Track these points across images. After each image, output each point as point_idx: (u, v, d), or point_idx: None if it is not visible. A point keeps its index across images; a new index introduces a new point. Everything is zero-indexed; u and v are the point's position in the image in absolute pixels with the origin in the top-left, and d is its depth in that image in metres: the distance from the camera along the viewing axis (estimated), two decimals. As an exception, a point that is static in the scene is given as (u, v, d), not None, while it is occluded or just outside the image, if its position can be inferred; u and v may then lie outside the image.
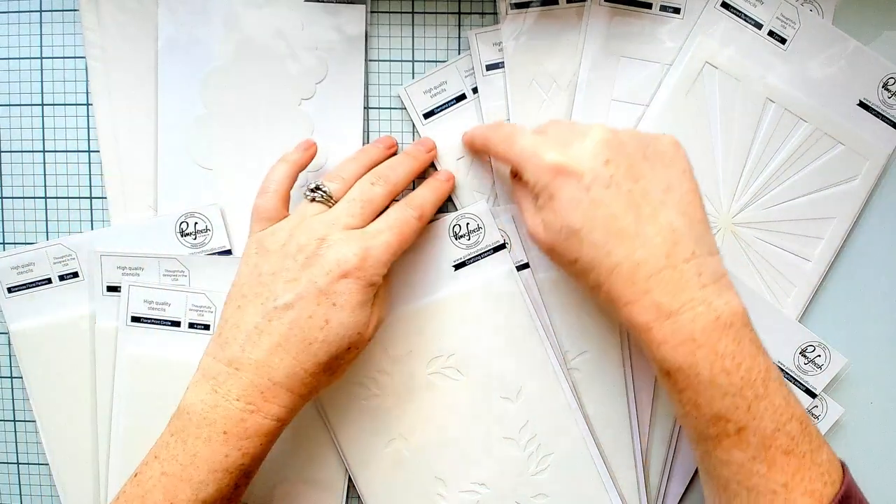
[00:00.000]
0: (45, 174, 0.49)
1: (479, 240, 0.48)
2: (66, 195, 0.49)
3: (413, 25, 0.49)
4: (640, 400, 0.48)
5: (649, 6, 0.48)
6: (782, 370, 0.49)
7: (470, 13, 0.49)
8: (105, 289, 0.48)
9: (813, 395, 0.49)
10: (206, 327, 0.47)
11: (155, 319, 0.47)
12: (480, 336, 0.48)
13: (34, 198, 0.49)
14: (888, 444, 0.51)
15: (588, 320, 0.48)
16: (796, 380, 0.49)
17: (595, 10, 0.47)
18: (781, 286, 0.49)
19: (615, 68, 0.48)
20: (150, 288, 0.47)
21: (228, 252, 0.48)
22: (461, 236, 0.48)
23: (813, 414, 0.49)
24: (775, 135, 0.48)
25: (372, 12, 0.48)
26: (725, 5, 0.48)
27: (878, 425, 0.50)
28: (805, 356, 0.49)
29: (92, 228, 0.49)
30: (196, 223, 0.48)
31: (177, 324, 0.47)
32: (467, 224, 0.48)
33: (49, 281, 0.48)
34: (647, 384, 0.48)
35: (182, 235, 0.48)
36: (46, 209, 0.49)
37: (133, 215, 0.48)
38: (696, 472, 0.49)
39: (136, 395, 0.47)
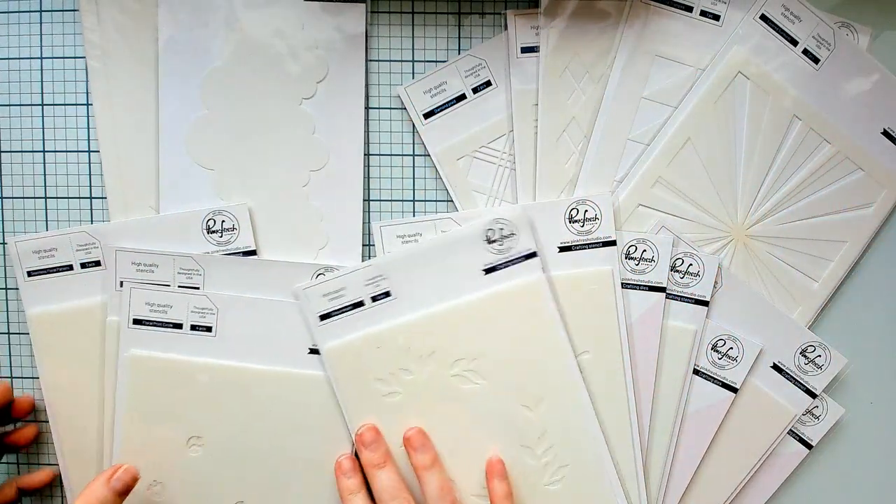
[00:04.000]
0: (45, 174, 0.49)
1: (512, 246, 0.48)
2: (66, 195, 0.49)
3: (413, 25, 0.49)
4: (641, 399, 0.48)
5: (690, 9, 0.48)
6: (782, 370, 0.49)
7: (470, 13, 0.49)
8: (119, 284, 0.47)
9: (813, 395, 0.49)
10: (209, 329, 0.47)
11: (157, 322, 0.47)
12: (505, 342, 0.47)
13: (34, 198, 0.49)
14: (888, 444, 0.51)
15: (588, 320, 0.48)
16: (796, 380, 0.49)
17: (636, 7, 0.48)
18: (787, 304, 0.49)
19: (649, 67, 0.48)
20: (151, 290, 0.47)
21: (253, 252, 0.48)
22: (494, 241, 0.48)
23: (813, 414, 0.49)
24: (798, 152, 0.48)
25: (372, 12, 0.48)
26: (764, 18, 0.48)
27: (878, 425, 0.50)
28: (805, 356, 0.49)
29: (92, 228, 0.49)
30: (223, 221, 0.48)
31: (178, 326, 0.47)
32: (501, 229, 0.48)
33: (70, 268, 0.48)
34: (647, 384, 0.48)
35: (209, 233, 0.48)
36: (46, 209, 0.49)
37: (133, 215, 0.48)
38: (696, 470, 0.49)
39: (138, 397, 0.47)
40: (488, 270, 0.48)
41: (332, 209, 0.49)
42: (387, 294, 0.47)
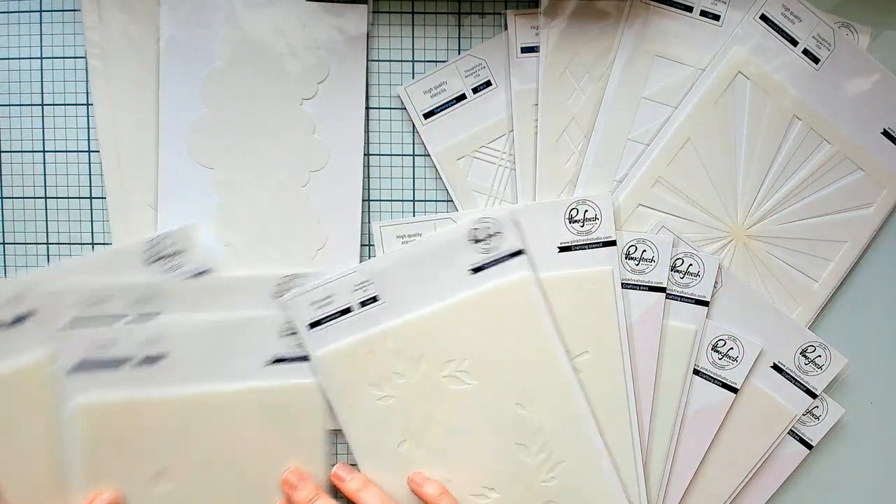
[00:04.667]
0: (45, 174, 0.49)
1: (498, 245, 0.48)
2: (66, 195, 0.49)
3: (413, 25, 0.49)
4: (641, 400, 0.48)
5: (690, 9, 0.48)
6: (782, 370, 0.49)
7: (470, 13, 0.49)
8: (68, 325, 0.45)
9: (813, 396, 0.49)
10: (159, 358, 0.45)
11: (101, 362, 0.45)
12: (495, 341, 0.47)
13: (34, 198, 0.49)
14: (888, 444, 0.51)
15: (588, 320, 0.48)
16: (797, 380, 0.49)
17: (636, 7, 0.48)
18: (787, 304, 0.49)
19: (649, 67, 0.48)
20: (91, 331, 0.45)
21: (206, 272, 0.47)
22: (480, 240, 0.48)
23: (813, 414, 0.49)
24: (798, 152, 0.48)
25: (373, 12, 0.48)
26: (764, 18, 0.48)
27: (878, 425, 0.50)
28: (805, 356, 0.49)
29: (92, 229, 0.49)
30: (170, 245, 0.47)
31: (123, 362, 0.45)
32: (487, 228, 0.48)
33: None
34: (647, 384, 0.48)
35: (155, 261, 0.46)
36: (46, 209, 0.49)
37: (133, 215, 0.48)
38: (696, 470, 0.49)
39: (92, 446, 0.45)
40: (475, 270, 0.48)
41: (332, 209, 0.49)
42: (374, 299, 0.47)
